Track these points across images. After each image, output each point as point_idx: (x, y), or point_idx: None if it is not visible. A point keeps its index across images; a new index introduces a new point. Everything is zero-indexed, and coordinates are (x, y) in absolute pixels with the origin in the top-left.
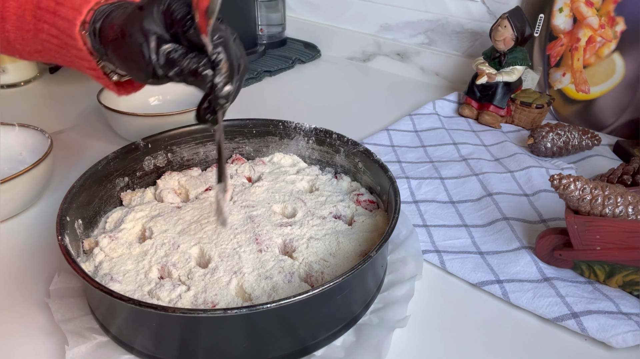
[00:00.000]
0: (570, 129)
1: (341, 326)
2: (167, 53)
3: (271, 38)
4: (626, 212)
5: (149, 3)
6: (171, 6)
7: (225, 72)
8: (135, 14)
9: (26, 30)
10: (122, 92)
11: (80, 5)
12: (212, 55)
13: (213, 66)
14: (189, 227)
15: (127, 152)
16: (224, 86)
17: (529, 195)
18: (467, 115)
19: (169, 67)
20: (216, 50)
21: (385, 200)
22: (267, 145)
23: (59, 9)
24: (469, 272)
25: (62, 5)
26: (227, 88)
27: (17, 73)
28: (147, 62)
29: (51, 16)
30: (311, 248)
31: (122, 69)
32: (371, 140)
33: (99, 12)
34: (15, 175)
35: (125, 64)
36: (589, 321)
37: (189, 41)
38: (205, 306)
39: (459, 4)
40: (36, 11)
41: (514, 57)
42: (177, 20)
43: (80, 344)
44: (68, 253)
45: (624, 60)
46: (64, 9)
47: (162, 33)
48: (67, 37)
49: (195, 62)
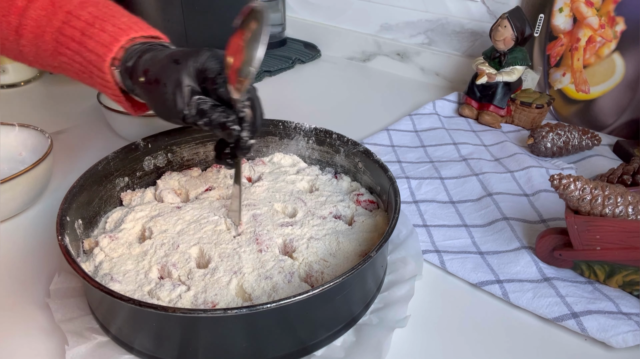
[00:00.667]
0: (570, 129)
1: (341, 326)
2: (198, 104)
3: (271, 38)
4: (626, 212)
5: (185, 58)
6: (205, 64)
7: (250, 128)
8: (171, 66)
9: (43, 49)
10: (137, 112)
11: (111, 43)
12: (240, 112)
13: (240, 121)
14: (188, 227)
15: (127, 152)
16: (248, 140)
17: (529, 195)
18: (467, 115)
19: (198, 117)
20: (245, 108)
21: (385, 200)
22: (267, 145)
23: (85, 40)
24: (469, 272)
25: (89, 38)
26: (250, 142)
27: (17, 74)
28: (178, 110)
29: (76, 45)
30: (311, 248)
31: (151, 108)
32: (371, 140)
33: (130, 52)
34: (15, 175)
35: (155, 106)
36: (589, 321)
37: (217, 96)
38: (205, 306)
39: (459, 4)
40: (58, 36)
41: (514, 57)
42: (210, 78)
43: (80, 344)
44: (68, 253)
45: (624, 60)
46: (92, 42)
47: (195, 86)
48: (94, 68)
49: (224, 117)
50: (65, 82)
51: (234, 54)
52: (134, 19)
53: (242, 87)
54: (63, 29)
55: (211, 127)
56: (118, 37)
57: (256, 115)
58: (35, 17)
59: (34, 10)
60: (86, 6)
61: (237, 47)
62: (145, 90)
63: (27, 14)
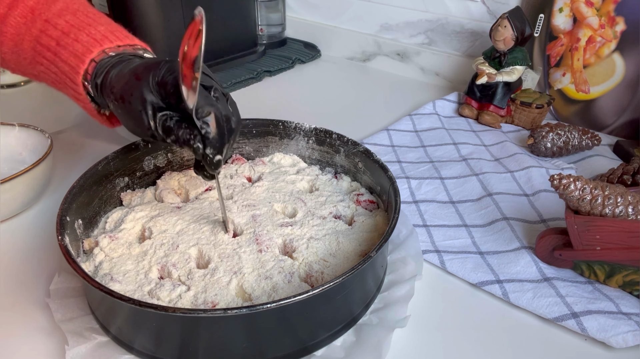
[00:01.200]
0: (570, 129)
1: (341, 326)
2: (163, 121)
3: (271, 38)
4: (626, 212)
5: (145, 71)
6: (163, 77)
7: (214, 144)
8: (132, 82)
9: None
10: (115, 125)
11: (83, 54)
12: (202, 129)
13: (203, 139)
14: (188, 227)
15: (127, 152)
16: (213, 157)
17: (529, 195)
18: (467, 115)
19: (165, 134)
20: (204, 124)
21: (385, 200)
22: (267, 145)
23: (60, 51)
24: (469, 272)
25: (63, 48)
26: (216, 158)
27: None
28: (146, 127)
29: (52, 55)
30: (311, 248)
31: (123, 124)
32: (371, 140)
33: (100, 67)
34: (15, 175)
35: (127, 124)
36: (589, 321)
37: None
38: (205, 306)
39: (459, 4)
40: (35, 45)
41: (514, 57)
42: (171, 92)
43: (80, 344)
44: (68, 253)
45: (624, 60)
46: (66, 53)
47: (157, 101)
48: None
49: (188, 134)
50: None
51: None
52: (111, 28)
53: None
54: (40, 38)
55: (179, 145)
56: (91, 49)
57: (219, 128)
58: (15, 25)
59: (14, 18)
60: (64, 14)
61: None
62: (115, 108)
63: (7, 21)
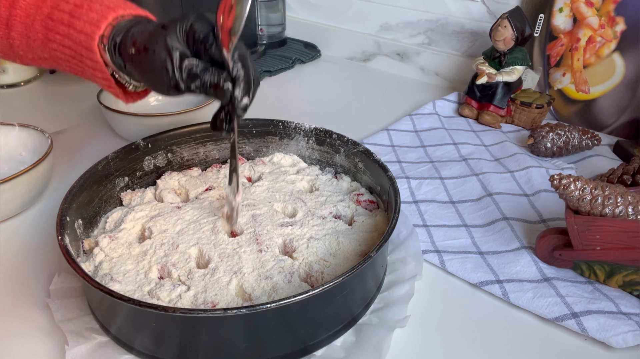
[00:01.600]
0: (570, 129)
1: (341, 326)
2: (189, 68)
3: (271, 38)
4: (626, 212)
5: (172, 22)
6: (194, 26)
7: (244, 86)
8: (159, 31)
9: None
10: (129, 100)
11: (99, 20)
12: (233, 70)
13: (232, 80)
14: (188, 227)
15: (127, 152)
16: (242, 98)
17: (529, 195)
18: (467, 115)
19: (191, 80)
20: (236, 65)
21: (385, 200)
22: (267, 145)
23: (74, 22)
24: (469, 272)
25: (77, 19)
26: (245, 101)
27: (17, 74)
28: (170, 76)
29: (65, 28)
30: (311, 248)
31: (142, 81)
32: (371, 140)
33: (118, 28)
34: (15, 175)
35: (147, 77)
36: (589, 321)
37: (210, 57)
38: (205, 306)
39: (459, 4)
40: (47, 22)
41: (514, 57)
42: (200, 39)
43: (80, 344)
44: (68, 253)
45: (624, 60)
46: (81, 22)
47: (184, 49)
48: (83, 49)
49: (216, 76)
50: (65, 82)
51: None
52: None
53: (233, 45)
54: (52, 14)
55: (204, 90)
56: (106, 15)
57: (249, 72)
58: (25, 7)
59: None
60: None
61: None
62: (135, 62)
63: (17, 5)
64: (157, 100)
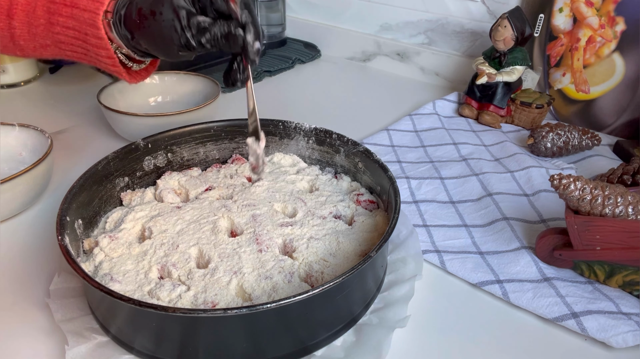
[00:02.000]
0: (570, 129)
1: (341, 326)
2: (197, 23)
3: (271, 38)
4: (626, 212)
5: None
6: None
7: (254, 31)
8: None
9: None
10: (133, 80)
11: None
12: (241, 17)
13: (242, 27)
14: (188, 227)
15: (127, 152)
16: (254, 42)
17: (529, 195)
18: (467, 115)
19: (201, 35)
20: (243, 12)
21: (385, 200)
22: (267, 145)
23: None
24: (469, 272)
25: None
26: (257, 45)
27: (17, 74)
28: (179, 35)
29: (68, 9)
30: (311, 248)
31: (150, 49)
32: (371, 140)
33: (121, 1)
34: (15, 175)
35: (156, 43)
36: (589, 321)
37: (216, 11)
38: (205, 306)
39: (459, 4)
40: (50, 5)
41: (514, 57)
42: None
43: (80, 344)
44: (68, 253)
45: (624, 60)
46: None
47: (189, 7)
48: (88, 26)
49: (226, 26)
50: (65, 82)
51: None
52: None
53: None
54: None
55: (215, 42)
56: None
57: (256, 18)
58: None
59: None
60: None
61: None
62: (143, 29)
63: None
64: (157, 100)
